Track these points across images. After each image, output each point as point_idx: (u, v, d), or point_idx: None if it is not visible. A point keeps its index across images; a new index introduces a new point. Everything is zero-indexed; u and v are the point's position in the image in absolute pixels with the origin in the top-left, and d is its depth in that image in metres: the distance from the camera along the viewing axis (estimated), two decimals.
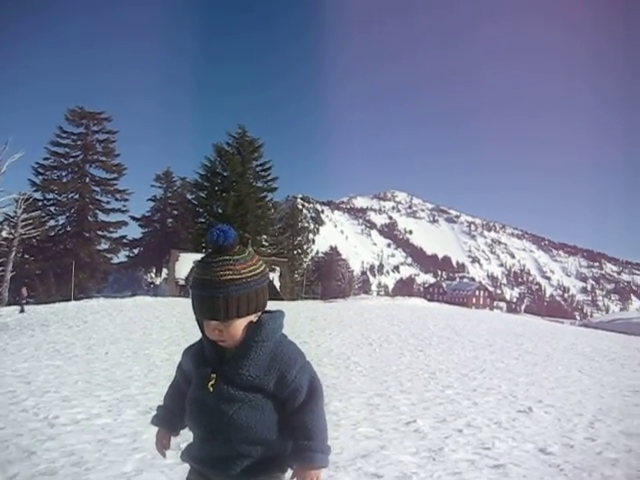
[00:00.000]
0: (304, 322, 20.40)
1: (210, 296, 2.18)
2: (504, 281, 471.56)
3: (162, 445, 2.55)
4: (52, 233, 57.92)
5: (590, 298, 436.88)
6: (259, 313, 2.32)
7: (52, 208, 59.07)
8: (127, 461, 4.74)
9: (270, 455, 2.31)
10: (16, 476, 4.26)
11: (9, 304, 36.07)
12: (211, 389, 2.27)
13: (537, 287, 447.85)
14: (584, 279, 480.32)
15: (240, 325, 2.25)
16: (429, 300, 60.64)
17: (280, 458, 2.35)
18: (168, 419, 2.54)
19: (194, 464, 2.41)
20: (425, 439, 6.01)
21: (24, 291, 30.27)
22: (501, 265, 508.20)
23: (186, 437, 2.48)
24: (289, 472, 2.40)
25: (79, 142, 60.08)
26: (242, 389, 2.26)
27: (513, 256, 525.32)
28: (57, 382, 8.68)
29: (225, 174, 58.17)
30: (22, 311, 27.07)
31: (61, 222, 59.68)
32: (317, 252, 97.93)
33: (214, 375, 2.28)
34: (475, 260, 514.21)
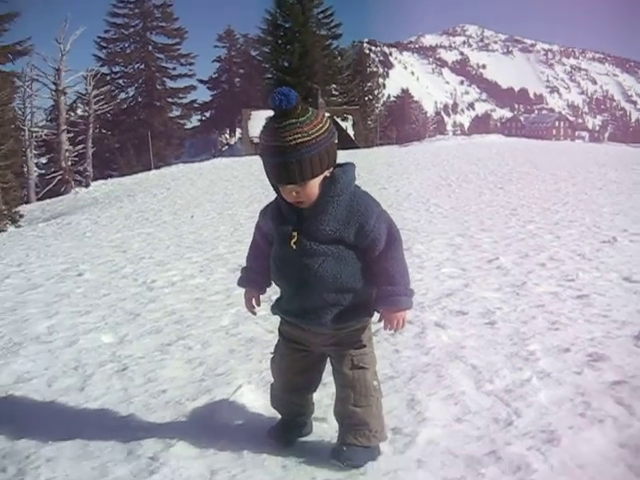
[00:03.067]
0: (381, 168, 20.37)
1: (284, 162, 2.21)
2: (585, 109, 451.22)
3: (252, 304, 2.71)
4: (124, 106, 58.76)
5: None
6: (331, 168, 2.36)
7: (120, 81, 59.70)
8: (223, 316, 5.04)
9: (357, 302, 2.43)
10: (126, 336, 4.63)
11: (95, 179, 37.44)
12: (294, 247, 2.36)
13: (621, 113, 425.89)
14: None
15: (315, 184, 2.30)
16: (507, 136, 59.07)
17: (367, 304, 2.48)
18: (254, 279, 2.67)
19: (285, 316, 2.57)
20: (508, 275, 6.09)
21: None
22: (582, 93, 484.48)
23: (277, 289, 2.62)
24: (376, 315, 2.55)
25: (137, 10, 59.30)
26: (324, 243, 2.34)
27: (595, 82, 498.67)
28: (150, 248, 9.13)
29: (287, 26, 56.38)
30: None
31: (131, 94, 60.43)
32: (388, 96, 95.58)
33: (295, 233, 2.36)
34: (554, 90, 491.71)
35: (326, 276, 2.34)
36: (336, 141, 2.36)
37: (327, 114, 2.40)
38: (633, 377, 3.36)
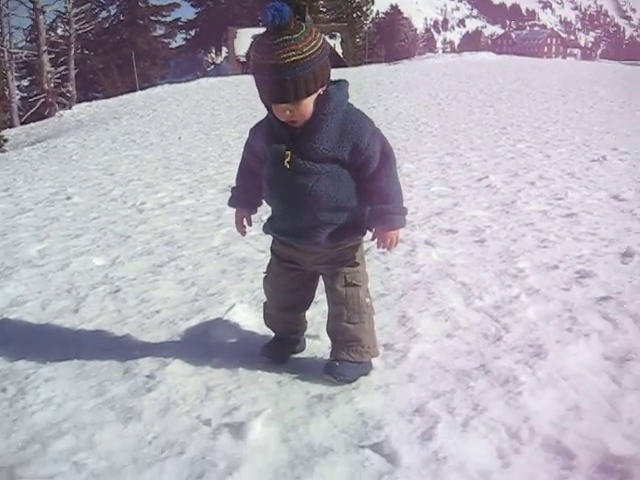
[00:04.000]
0: (370, 87, 20.05)
1: (277, 80, 2.16)
2: (578, 26, 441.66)
3: (242, 224, 2.69)
4: (106, 25, 56.90)
5: None
6: (325, 86, 2.32)
7: None
8: (214, 236, 5.06)
9: (351, 221, 2.44)
10: (118, 258, 4.64)
11: (79, 101, 36.74)
12: (288, 166, 2.33)
13: (615, 29, 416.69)
14: None
15: (309, 103, 2.26)
16: (498, 53, 57.89)
17: (360, 223, 2.49)
18: (245, 199, 2.65)
19: (278, 235, 2.57)
20: (497, 193, 6.10)
21: None
22: (575, 8, 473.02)
23: (267, 209, 2.62)
24: (368, 234, 2.56)
25: None
26: (318, 162, 2.32)
27: None
28: (138, 171, 9.06)
29: None
30: None
31: (113, 12, 58.38)
32: (377, 13, 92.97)
33: (289, 152, 2.33)
34: (546, 5, 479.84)
35: (320, 195, 2.33)
36: (328, 58, 2.31)
37: None
38: (619, 293, 3.43)
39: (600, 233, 4.65)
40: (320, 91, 2.29)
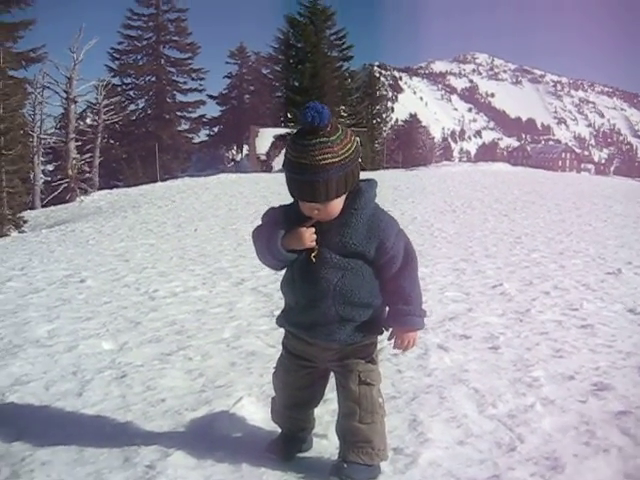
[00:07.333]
0: (387, 191, 20.36)
1: (310, 181, 2.19)
2: (592, 142, 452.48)
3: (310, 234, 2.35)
4: (134, 117, 59.01)
5: None
6: (353, 187, 2.34)
7: (131, 92, 59.99)
8: (225, 328, 5.01)
9: (370, 318, 2.43)
10: (126, 343, 4.59)
11: (100, 188, 37.54)
12: (314, 260, 2.34)
13: (628, 147, 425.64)
14: None
15: (339, 203, 2.30)
16: (513, 165, 58.93)
17: (378, 321, 2.48)
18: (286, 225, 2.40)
19: (293, 329, 2.54)
20: (512, 301, 6.06)
21: None
22: (589, 125, 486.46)
23: (279, 304, 2.59)
24: (384, 333, 2.54)
25: (151, 23, 59.68)
26: (345, 257, 2.33)
27: (602, 115, 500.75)
28: (153, 259, 9.12)
29: (299, 45, 56.59)
30: None
31: (141, 106, 60.67)
32: (396, 120, 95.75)
33: (316, 246, 2.34)
34: (561, 121, 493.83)
35: (345, 290, 2.34)
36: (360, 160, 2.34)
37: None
38: (638, 408, 3.32)
39: (617, 345, 4.56)
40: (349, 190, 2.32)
